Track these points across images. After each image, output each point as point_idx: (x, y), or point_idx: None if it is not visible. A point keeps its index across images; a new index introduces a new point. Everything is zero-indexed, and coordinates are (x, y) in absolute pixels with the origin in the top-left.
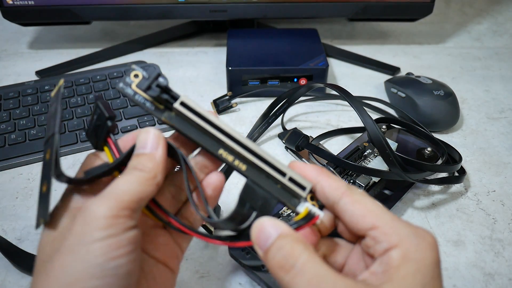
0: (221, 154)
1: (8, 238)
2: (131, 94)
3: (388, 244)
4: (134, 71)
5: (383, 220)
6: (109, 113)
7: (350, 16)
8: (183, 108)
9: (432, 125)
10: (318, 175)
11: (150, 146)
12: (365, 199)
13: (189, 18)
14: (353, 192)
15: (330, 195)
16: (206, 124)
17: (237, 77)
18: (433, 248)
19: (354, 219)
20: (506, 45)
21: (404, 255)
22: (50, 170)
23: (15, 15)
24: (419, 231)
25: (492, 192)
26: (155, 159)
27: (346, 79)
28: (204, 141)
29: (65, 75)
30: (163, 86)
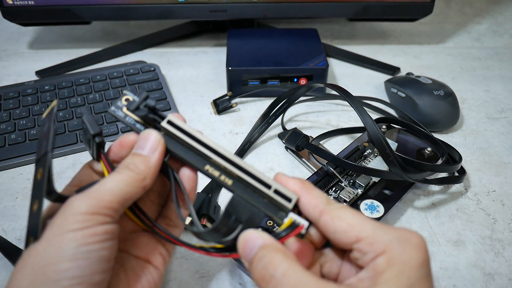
0: (208, 170)
1: (8, 238)
2: (122, 116)
3: (374, 253)
4: (126, 96)
5: (365, 231)
6: (94, 130)
7: (350, 16)
8: (169, 126)
9: (432, 125)
10: (299, 190)
11: (148, 148)
12: (344, 214)
13: (189, 18)
14: (331, 208)
15: (309, 214)
16: (192, 141)
17: (237, 77)
18: (419, 249)
19: (337, 235)
20: (506, 45)
21: (389, 260)
22: (42, 190)
23: (15, 15)
24: (403, 234)
25: (492, 192)
26: (149, 162)
27: (346, 79)
28: (191, 158)
29: (65, 75)
30: (151, 106)
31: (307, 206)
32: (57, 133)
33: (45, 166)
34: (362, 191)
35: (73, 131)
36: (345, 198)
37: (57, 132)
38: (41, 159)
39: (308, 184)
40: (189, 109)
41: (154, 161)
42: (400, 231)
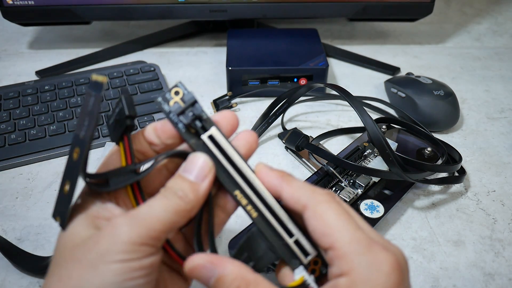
0: (236, 196)
1: (8, 238)
2: (166, 111)
3: (339, 270)
4: (176, 88)
5: (341, 241)
6: (130, 111)
7: (350, 16)
8: (209, 142)
9: (432, 125)
10: (280, 183)
11: (197, 174)
12: (327, 212)
13: (189, 18)
14: (315, 202)
15: (293, 208)
16: (228, 164)
17: (237, 77)
18: (389, 278)
19: (315, 235)
20: (506, 45)
21: (350, 285)
22: (78, 171)
23: (15, 15)
24: (378, 257)
25: (492, 192)
26: (198, 192)
27: (346, 79)
28: (223, 177)
29: (65, 75)
30: (196, 115)
31: (289, 200)
32: (57, 133)
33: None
34: (362, 191)
35: (73, 131)
36: (345, 198)
37: (56, 132)
38: (82, 139)
39: (289, 176)
40: None
41: (203, 191)
42: (376, 253)
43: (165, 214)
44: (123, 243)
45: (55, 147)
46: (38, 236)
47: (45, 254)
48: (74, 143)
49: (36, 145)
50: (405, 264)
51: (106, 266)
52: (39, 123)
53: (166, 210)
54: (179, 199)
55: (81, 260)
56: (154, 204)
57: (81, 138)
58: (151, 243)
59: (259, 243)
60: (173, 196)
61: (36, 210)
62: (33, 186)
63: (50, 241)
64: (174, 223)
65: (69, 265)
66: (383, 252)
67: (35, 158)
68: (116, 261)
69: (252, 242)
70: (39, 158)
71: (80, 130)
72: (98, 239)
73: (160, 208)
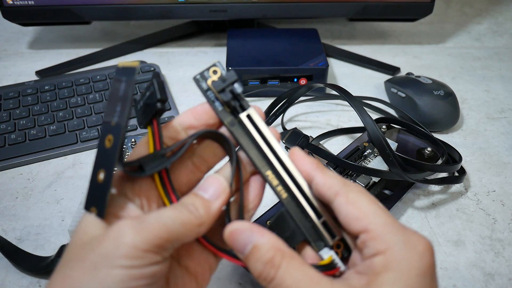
0: (268, 176)
1: (8, 238)
2: (204, 88)
3: (374, 250)
4: (214, 67)
5: (375, 224)
6: (162, 95)
7: (350, 16)
8: (247, 121)
9: (432, 125)
10: (313, 170)
11: (211, 193)
12: (360, 199)
13: (189, 18)
14: (348, 190)
15: (324, 194)
16: (264, 144)
17: None
18: (423, 257)
19: (347, 220)
20: (506, 45)
21: (386, 263)
22: (113, 159)
23: (15, 15)
24: (412, 238)
25: (492, 192)
26: (210, 209)
27: (346, 79)
28: (256, 157)
29: (65, 75)
30: (236, 93)
31: (321, 187)
32: (57, 133)
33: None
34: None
35: (73, 131)
36: None
37: (56, 132)
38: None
39: (322, 165)
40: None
41: (215, 209)
42: (409, 235)
43: (172, 224)
44: (126, 246)
45: (55, 147)
46: (38, 236)
47: (45, 254)
48: (106, 131)
49: (36, 145)
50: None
51: (108, 271)
52: (39, 123)
53: (174, 220)
54: (189, 213)
55: (84, 261)
56: (163, 213)
57: (113, 125)
58: (155, 251)
59: (288, 224)
60: (183, 209)
61: (36, 210)
62: (33, 186)
63: (50, 241)
64: (180, 234)
65: (73, 264)
66: (416, 234)
67: (35, 158)
68: (119, 267)
69: (280, 222)
70: (39, 158)
71: (111, 117)
72: (102, 240)
73: (168, 217)
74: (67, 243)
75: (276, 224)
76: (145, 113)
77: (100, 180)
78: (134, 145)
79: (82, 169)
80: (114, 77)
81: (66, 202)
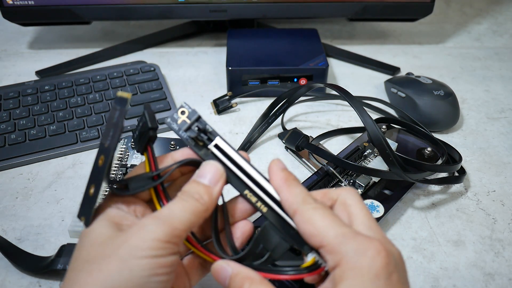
0: (246, 194)
1: (8, 238)
2: (176, 129)
3: (332, 262)
4: (182, 108)
5: (328, 238)
6: (152, 124)
7: (350, 16)
8: (216, 150)
9: (432, 125)
10: (280, 186)
11: (210, 178)
12: (315, 216)
13: (189, 18)
14: (304, 209)
15: (287, 211)
16: (235, 168)
17: (237, 77)
18: (374, 261)
19: (306, 237)
20: (506, 45)
21: (341, 274)
22: (103, 176)
23: (15, 15)
24: (362, 244)
25: (492, 192)
26: (212, 194)
27: (346, 79)
28: (232, 180)
29: (65, 75)
30: (201, 128)
31: (284, 204)
32: (57, 133)
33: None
34: (362, 191)
35: (73, 131)
36: None
37: (56, 132)
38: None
39: (292, 180)
40: None
41: (216, 193)
42: (360, 241)
43: (184, 215)
44: (151, 240)
45: (55, 147)
46: (38, 236)
47: (45, 254)
48: (100, 151)
49: (36, 145)
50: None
51: (136, 261)
52: (39, 123)
53: (185, 211)
54: (196, 201)
55: (111, 256)
56: (174, 207)
57: (106, 147)
58: (174, 241)
59: (272, 235)
60: (190, 198)
61: (36, 210)
62: (33, 186)
63: (50, 241)
64: (192, 222)
65: (99, 260)
66: (367, 239)
67: (35, 158)
68: (145, 257)
69: (265, 234)
70: (39, 158)
71: (105, 140)
72: (128, 237)
73: (179, 209)
74: (67, 243)
75: (261, 236)
76: (140, 141)
77: (91, 194)
78: (134, 145)
79: (82, 169)
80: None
81: (66, 202)
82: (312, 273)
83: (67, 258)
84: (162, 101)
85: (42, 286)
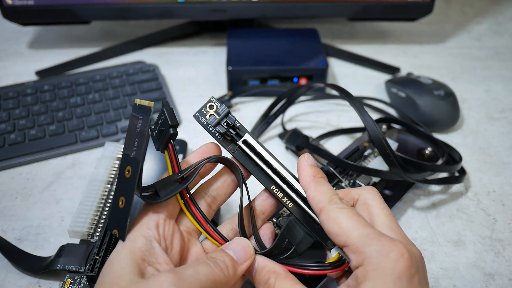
0: (273, 190)
1: (8, 238)
2: (204, 123)
3: (356, 262)
4: (210, 103)
5: (352, 238)
6: (172, 121)
7: (350, 16)
8: (244, 146)
9: (432, 125)
10: (308, 183)
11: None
12: (340, 216)
13: (189, 18)
14: (330, 208)
15: (313, 208)
16: (263, 164)
17: (237, 77)
18: (397, 263)
19: (330, 236)
20: (506, 45)
21: (364, 274)
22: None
23: (15, 15)
24: (386, 246)
25: (492, 192)
26: (237, 271)
27: (346, 79)
28: (259, 176)
29: (65, 75)
30: (230, 124)
31: (310, 201)
32: (56, 133)
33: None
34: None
35: (73, 131)
36: None
37: (56, 133)
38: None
39: (319, 178)
40: (189, 109)
41: (241, 272)
42: (384, 243)
43: (206, 281)
44: None
45: (54, 147)
46: (37, 236)
47: (45, 254)
48: (125, 162)
49: (35, 145)
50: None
51: None
52: (39, 123)
53: (208, 277)
54: (221, 271)
55: None
56: (198, 269)
57: (131, 157)
58: None
59: (297, 230)
60: (217, 267)
61: (35, 210)
62: (33, 186)
63: (49, 241)
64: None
65: None
66: (390, 241)
67: (35, 158)
68: None
69: (291, 229)
70: (39, 158)
71: (130, 150)
72: None
73: (204, 274)
74: (66, 243)
75: (287, 231)
76: (161, 139)
77: (121, 206)
78: None
79: (81, 169)
80: (131, 113)
81: (66, 202)
82: (336, 270)
83: (67, 258)
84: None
85: (41, 286)
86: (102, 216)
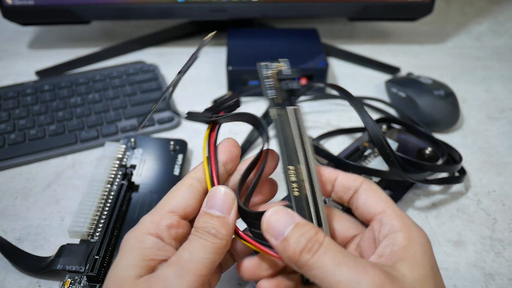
0: (288, 169)
1: (8, 238)
2: (263, 74)
3: (392, 227)
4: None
5: (391, 208)
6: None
7: (350, 16)
8: (292, 115)
9: (432, 125)
10: (335, 171)
11: (222, 207)
12: (379, 190)
13: (189, 18)
14: (370, 182)
15: (350, 184)
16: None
17: (237, 77)
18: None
19: (368, 203)
20: (506, 45)
21: (409, 238)
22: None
23: (15, 15)
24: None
25: (492, 192)
26: (229, 225)
27: (346, 79)
28: (285, 149)
29: (65, 75)
30: (293, 88)
31: (347, 180)
32: (56, 133)
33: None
34: None
35: (73, 131)
36: None
37: (56, 132)
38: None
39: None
40: (188, 109)
41: (232, 221)
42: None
43: (206, 256)
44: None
45: (54, 147)
46: (37, 236)
47: (45, 254)
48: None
49: (35, 145)
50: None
51: None
52: (39, 123)
53: (205, 251)
54: (214, 237)
55: None
56: (193, 249)
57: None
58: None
59: None
60: (207, 235)
61: (35, 210)
62: (33, 186)
63: (49, 241)
64: (215, 262)
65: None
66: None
67: (35, 158)
68: None
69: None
70: (39, 158)
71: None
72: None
73: (199, 251)
74: (67, 243)
75: None
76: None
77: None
78: (134, 146)
79: (81, 169)
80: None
81: (66, 202)
82: None
83: (67, 258)
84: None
85: (41, 286)
86: (102, 216)
